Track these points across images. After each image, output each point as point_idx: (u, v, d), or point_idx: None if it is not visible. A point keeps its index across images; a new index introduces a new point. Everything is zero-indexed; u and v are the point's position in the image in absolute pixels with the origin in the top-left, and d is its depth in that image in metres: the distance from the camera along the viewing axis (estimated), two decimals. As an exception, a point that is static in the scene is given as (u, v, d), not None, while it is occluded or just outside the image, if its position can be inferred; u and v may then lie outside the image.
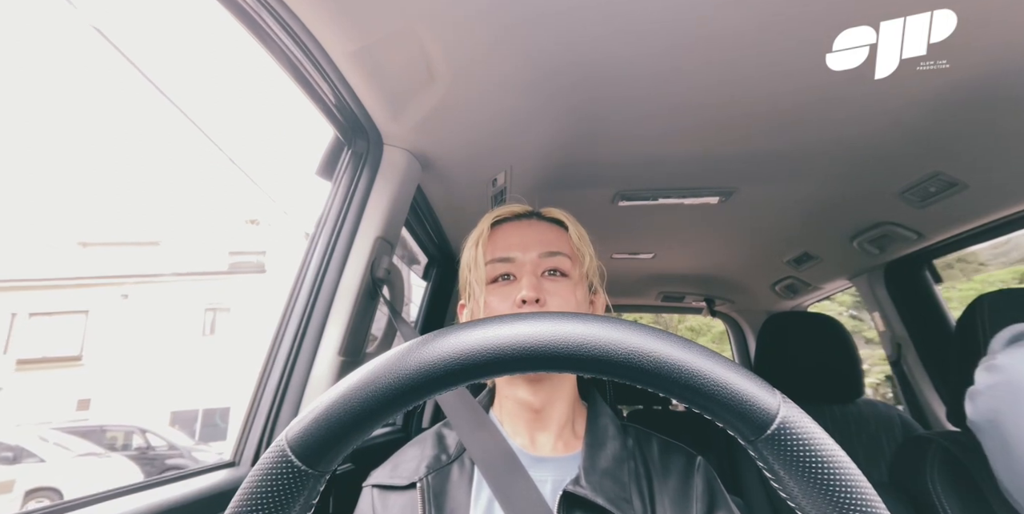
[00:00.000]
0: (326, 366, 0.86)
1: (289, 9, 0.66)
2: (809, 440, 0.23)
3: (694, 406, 0.25)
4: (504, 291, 0.64)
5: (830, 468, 0.23)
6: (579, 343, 0.24)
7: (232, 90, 10.92)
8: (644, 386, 0.25)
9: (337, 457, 0.25)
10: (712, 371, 0.24)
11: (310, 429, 0.25)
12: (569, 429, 0.64)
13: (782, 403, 0.24)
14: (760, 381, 0.24)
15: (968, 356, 0.97)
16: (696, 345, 0.25)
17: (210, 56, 6.06)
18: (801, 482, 0.23)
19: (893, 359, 1.75)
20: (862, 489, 0.23)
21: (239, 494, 0.25)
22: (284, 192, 9.53)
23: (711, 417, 0.25)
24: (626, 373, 0.24)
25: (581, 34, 0.78)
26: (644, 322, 0.76)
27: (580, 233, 0.70)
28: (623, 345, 0.24)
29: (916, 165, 1.18)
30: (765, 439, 0.24)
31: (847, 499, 0.22)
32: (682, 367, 0.24)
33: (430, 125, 0.96)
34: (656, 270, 2.24)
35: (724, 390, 0.24)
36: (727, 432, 0.25)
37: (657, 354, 0.24)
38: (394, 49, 0.77)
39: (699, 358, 0.24)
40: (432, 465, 0.60)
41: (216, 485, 0.69)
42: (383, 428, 1.40)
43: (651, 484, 0.59)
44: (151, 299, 11.03)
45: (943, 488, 0.89)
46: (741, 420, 0.24)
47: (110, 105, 8.38)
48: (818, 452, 0.23)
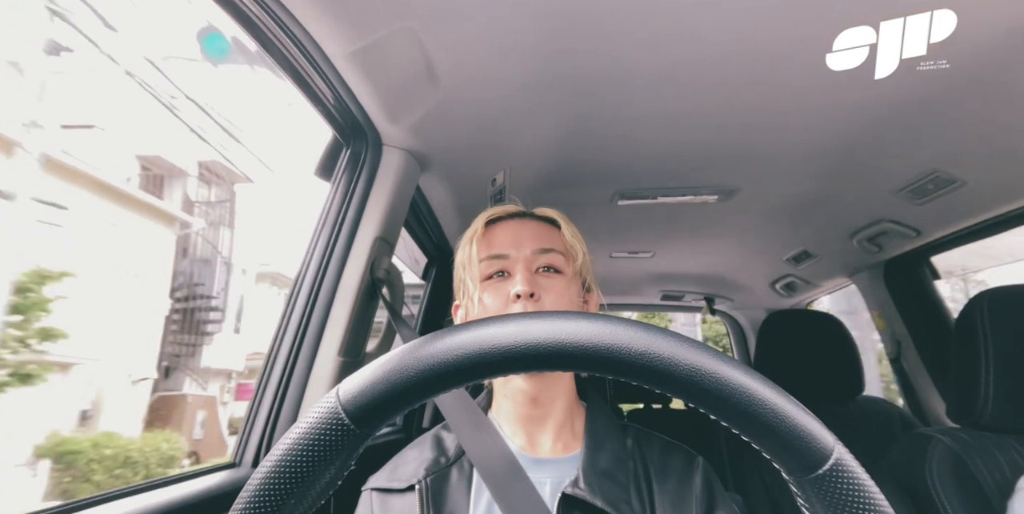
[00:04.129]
0: (326, 367, 0.86)
1: (287, 9, 0.66)
2: (858, 487, 0.23)
3: (746, 434, 0.24)
4: (498, 287, 0.64)
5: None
6: (641, 352, 0.24)
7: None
8: (698, 406, 0.24)
9: (384, 420, 0.25)
10: (774, 402, 0.23)
11: (365, 388, 0.25)
12: (568, 429, 0.64)
13: (837, 446, 0.24)
14: (818, 421, 0.24)
15: (967, 353, 0.97)
16: (758, 373, 0.24)
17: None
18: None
19: (893, 356, 1.75)
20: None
21: (282, 445, 0.25)
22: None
23: (760, 448, 0.24)
24: (685, 389, 0.24)
25: (579, 34, 0.78)
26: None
27: (572, 231, 0.71)
28: (687, 361, 0.24)
29: (914, 162, 1.18)
30: (814, 479, 0.23)
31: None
32: (744, 393, 0.23)
33: (429, 125, 0.96)
34: (655, 269, 2.24)
35: (783, 424, 0.23)
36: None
37: (720, 375, 0.24)
38: (392, 49, 0.77)
39: (762, 387, 0.24)
40: (431, 468, 0.60)
41: (217, 486, 0.70)
42: (383, 428, 1.40)
43: (650, 485, 0.59)
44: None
45: (943, 484, 0.89)
46: (793, 456, 0.24)
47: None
48: (865, 500, 0.23)
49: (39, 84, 6.26)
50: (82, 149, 7.74)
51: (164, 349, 9.43)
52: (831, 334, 1.64)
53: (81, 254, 7.47)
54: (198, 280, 10.40)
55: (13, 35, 5.88)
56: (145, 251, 8.80)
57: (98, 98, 8.16)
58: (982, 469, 0.88)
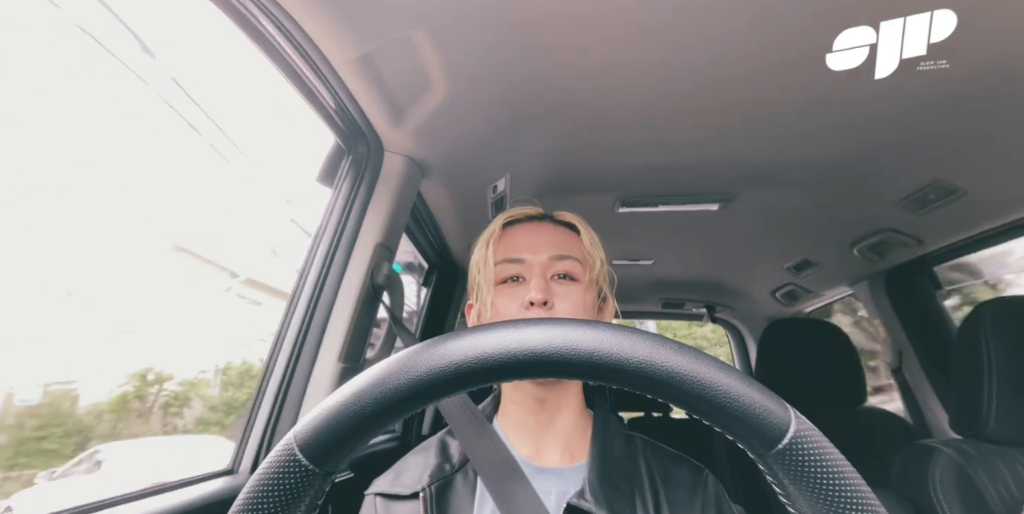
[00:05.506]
0: (326, 372, 0.85)
1: (291, 17, 0.67)
2: (820, 456, 0.23)
3: (705, 418, 0.25)
4: (512, 292, 0.63)
5: (840, 484, 0.23)
6: (591, 350, 0.24)
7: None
8: (656, 396, 0.25)
9: (345, 457, 0.25)
10: (725, 383, 0.24)
11: (319, 427, 0.24)
12: (575, 439, 0.63)
13: (794, 418, 0.24)
14: (773, 396, 0.24)
15: (970, 363, 0.97)
16: (710, 357, 0.25)
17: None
18: (810, 497, 0.23)
19: (894, 366, 1.74)
20: (872, 506, 0.23)
21: (245, 492, 0.25)
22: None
23: (721, 429, 0.25)
24: (638, 382, 0.24)
25: (580, 40, 0.78)
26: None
27: (592, 238, 0.69)
28: (636, 354, 0.24)
29: (915, 172, 1.18)
30: (776, 454, 0.23)
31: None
32: (695, 378, 0.24)
33: (430, 131, 0.97)
34: (656, 276, 2.24)
35: (737, 403, 0.24)
36: (727, 440, 0.25)
37: (670, 364, 0.24)
38: (394, 56, 0.77)
39: (712, 370, 0.24)
40: (435, 474, 0.59)
41: (214, 493, 0.69)
42: (383, 435, 1.39)
43: (657, 497, 0.58)
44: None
45: (946, 496, 0.88)
46: (753, 434, 0.24)
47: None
48: (829, 468, 0.23)
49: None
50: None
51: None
52: (832, 343, 1.63)
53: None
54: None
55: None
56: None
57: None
58: (985, 481, 0.87)
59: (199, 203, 11.38)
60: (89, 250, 8.14)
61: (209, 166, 10.11)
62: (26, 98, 7.38)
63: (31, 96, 7.86)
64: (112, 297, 7.54)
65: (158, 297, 8.02)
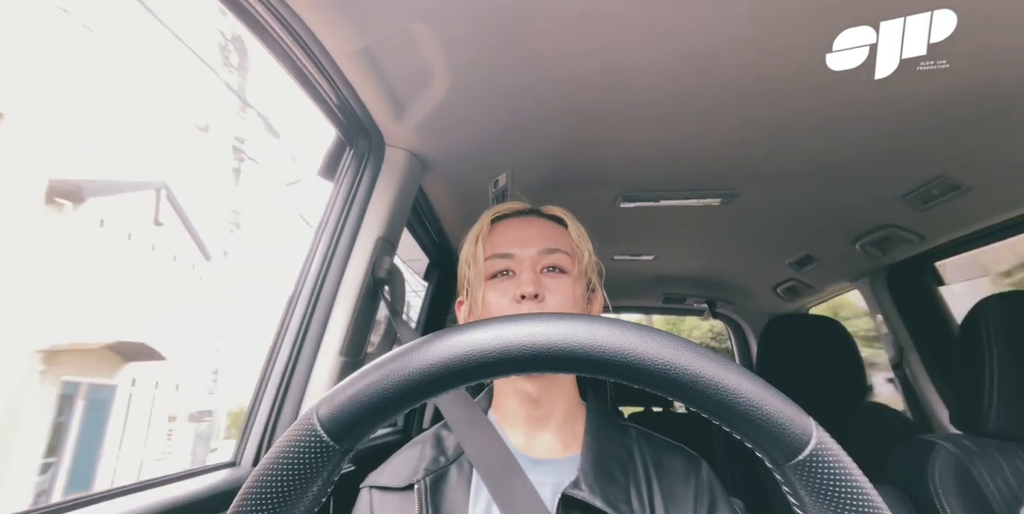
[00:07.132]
0: (327, 366, 0.86)
1: (291, 10, 0.66)
2: (839, 470, 0.23)
3: (725, 424, 0.24)
4: (503, 286, 0.64)
5: (857, 500, 0.23)
6: (615, 349, 0.24)
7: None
8: (677, 399, 0.25)
9: (364, 435, 0.25)
10: (750, 391, 0.24)
11: (343, 404, 0.24)
12: (568, 430, 0.64)
13: (816, 430, 0.24)
14: (796, 406, 0.24)
15: (972, 359, 0.97)
16: (734, 364, 0.25)
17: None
18: (826, 511, 0.23)
19: (895, 362, 1.75)
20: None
21: (262, 465, 0.25)
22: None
23: (740, 436, 0.24)
24: (661, 384, 0.24)
25: (583, 35, 0.78)
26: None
27: (579, 231, 0.70)
28: (661, 356, 0.24)
29: (919, 168, 1.17)
30: (795, 465, 0.23)
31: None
32: (719, 383, 0.24)
33: (432, 126, 0.96)
34: (657, 272, 2.24)
35: (759, 412, 0.23)
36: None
37: (694, 368, 0.24)
38: (396, 50, 0.77)
39: (736, 377, 0.24)
40: (430, 467, 0.60)
41: (217, 485, 0.69)
42: (383, 428, 1.40)
43: (651, 486, 0.58)
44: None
45: (945, 491, 0.88)
46: (773, 444, 0.24)
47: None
48: (847, 482, 0.23)
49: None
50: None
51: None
52: (833, 338, 1.63)
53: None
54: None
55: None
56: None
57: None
58: (985, 476, 0.88)
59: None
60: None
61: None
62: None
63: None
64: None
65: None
